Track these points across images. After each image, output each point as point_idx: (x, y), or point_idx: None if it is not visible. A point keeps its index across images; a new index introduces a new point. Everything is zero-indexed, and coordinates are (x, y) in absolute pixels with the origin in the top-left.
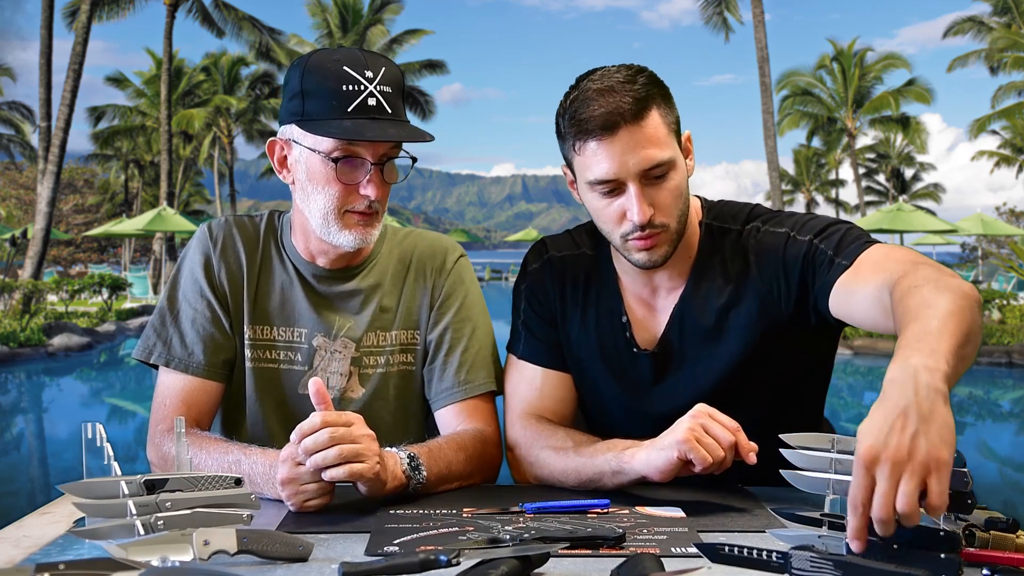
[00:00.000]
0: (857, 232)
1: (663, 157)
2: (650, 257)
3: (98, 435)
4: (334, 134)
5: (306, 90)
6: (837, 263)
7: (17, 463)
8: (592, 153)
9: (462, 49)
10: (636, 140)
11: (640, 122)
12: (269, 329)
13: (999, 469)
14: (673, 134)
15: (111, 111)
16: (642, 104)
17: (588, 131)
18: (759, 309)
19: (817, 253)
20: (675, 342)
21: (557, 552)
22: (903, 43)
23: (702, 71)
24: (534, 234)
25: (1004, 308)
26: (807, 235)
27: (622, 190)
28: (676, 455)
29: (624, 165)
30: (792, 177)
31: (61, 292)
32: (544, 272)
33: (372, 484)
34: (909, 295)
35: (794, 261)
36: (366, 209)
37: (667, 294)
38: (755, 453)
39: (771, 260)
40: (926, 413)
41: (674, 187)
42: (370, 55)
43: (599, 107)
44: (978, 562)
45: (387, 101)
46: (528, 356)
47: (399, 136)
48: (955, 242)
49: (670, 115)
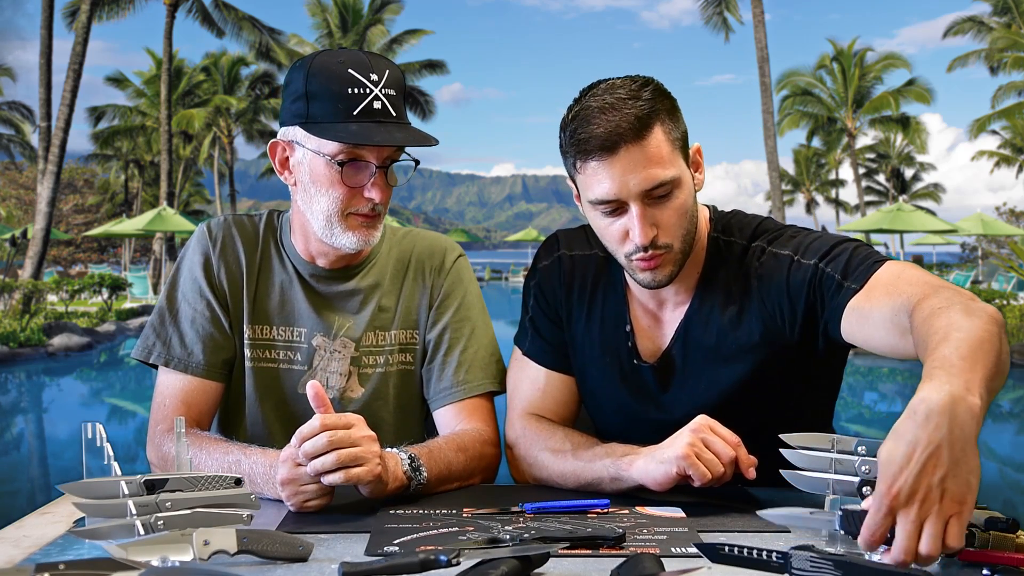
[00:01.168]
0: (865, 252)
1: (666, 176)
2: (654, 277)
3: (98, 435)
4: (341, 138)
5: (311, 92)
6: (847, 287)
7: (17, 463)
8: (593, 172)
9: (462, 49)
10: (637, 160)
11: (642, 141)
12: (268, 329)
13: (999, 469)
14: (679, 150)
15: (111, 111)
16: (644, 122)
17: (588, 151)
18: (762, 333)
19: (824, 278)
20: (678, 358)
21: (557, 552)
22: (903, 43)
23: (702, 71)
24: (534, 234)
25: (1004, 308)
26: (812, 258)
27: (624, 210)
28: (675, 470)
29: (625, 185)
30: (792, 177)
31: (61, 292)
32: (553, 270)
33: (373, 486)
34: (935, 316)
35: (799, 287)
36: (369, 212)
37: (673, 308)
38: (755, 468)
39: (775, 287)
40: (958, 455)
41: (679, 206)
42: (374, 57)
43: (599, 126)
44: (978, 562)
45: (391, 104)
46: (533, 355)
47: (406, 140)
48: (955, 242)
49: (675, 130)
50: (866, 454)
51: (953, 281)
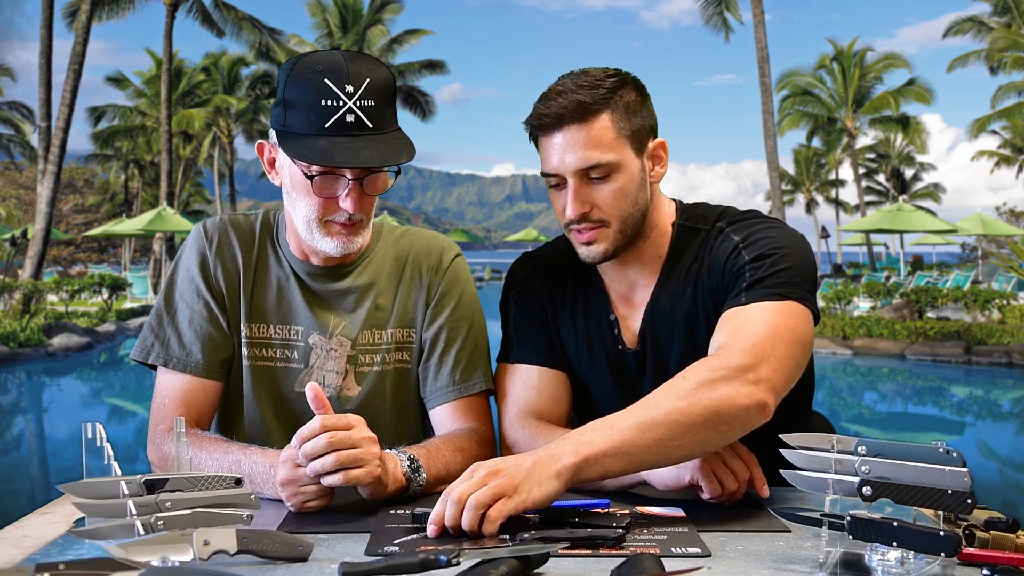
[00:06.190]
0: (785, 276)
1: (603, 159)
2: (589, 252)
3: (98, 435)
4: (305, 156)
5: (288, 100)
6: (740, 296)
7: (17, 463)
8: (542, 146)
9: (462, 49)
10: (576, 140)
11: (585, 124)
12: (265, 327)
13: (999, 469)
14: (627, 139)
15: (111, 111)
16: (590, 108)
17: (537, 126)
18: (712, 309)
19: (739, 278)
20: (649, 338)
21: (557, 552)
22: (903, 43)
23: (702, 71)
24: (534, 234)
25: (1004, 308)
26: (750, 255)
27: (565, 185)
28: (688, 477)
29: (563, 162)
30: (792, 177)
31: (61, 292)
32: (533, 278)
33: (372, 487)
34: (674, 379)
35: (730, 274)
36: (346, 221)
37: (642, 291)
38: (767, 487)
39: (716, 266)
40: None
41: (617, 189)
42: (355, 64)
43: (551, 105)
44: (978, 562)
45: (368, 115)
46: (523, 358)
47: (370, 160)
48: (955, 242)
49: (629, 121)
50: (866, 454)
51: (953, 281)
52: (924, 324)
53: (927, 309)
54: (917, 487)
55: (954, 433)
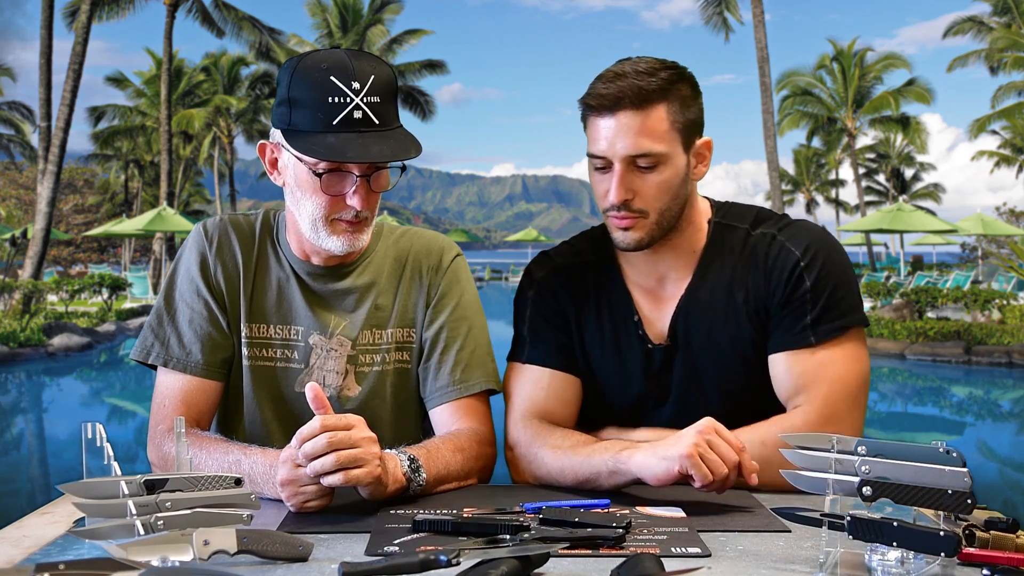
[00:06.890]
0: (846, 305)
1: (654, 149)
2: (624, 238)
3: (98, 435)
4: (316, 153)
5: (293, 99)
6: (806, 334)
7: (17, 463)
8: (592, 127)
9: (462, 49)
10: (631, 126)
11: (640, 111)
12: (266, 327)
13: (999, 469)
14: (678, 133)
15: (111, 111)
16: (649, 96)
17: (592, 107)
18: (756, 312)
19: (803, 306)
20: (681, 332)
21: (557, 552)
22: (903, 43)
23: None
24: (534, 234)
25: (1004, 308)
26: (811, 278)
27: (610, 168)
28: (677, 468)
29: (612, 146)
30: (792, 177)
31: (61, 292)
32: (552, 280)
33: (372, 487)
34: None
35: (791, 294)
36: (353, 218)
37: (673, 284)
38: (757, 475)
39: (776, 278)
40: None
41: (661, 181)
42: (359, 61)
43: (610, 87)
44: (978, 562)
45: (375, 111)
46: (536, 359)
47: (381, 155)
48: (955, 242)
49: (682, 115)
50: (866, 454)
51: (953, 281)
52: (924, 324)
53: (927, 309)
54: (917, 487)
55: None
